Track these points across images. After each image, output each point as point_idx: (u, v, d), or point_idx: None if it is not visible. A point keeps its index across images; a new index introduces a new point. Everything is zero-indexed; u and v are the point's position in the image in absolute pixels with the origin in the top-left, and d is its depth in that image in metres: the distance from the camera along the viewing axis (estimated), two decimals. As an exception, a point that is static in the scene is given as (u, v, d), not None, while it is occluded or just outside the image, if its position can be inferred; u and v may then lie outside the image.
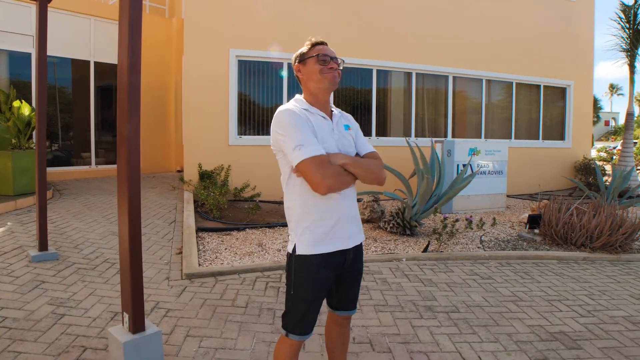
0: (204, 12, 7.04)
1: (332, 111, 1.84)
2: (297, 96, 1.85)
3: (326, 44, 1.81)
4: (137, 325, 2.25)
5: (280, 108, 1.73)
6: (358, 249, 1.88)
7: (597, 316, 3.36)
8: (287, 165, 1.74)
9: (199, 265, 4.08)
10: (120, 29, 2.26)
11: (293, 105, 1.76)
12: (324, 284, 1.77)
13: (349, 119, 1.93)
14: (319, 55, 1.75)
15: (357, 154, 1.85)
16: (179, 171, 9.81)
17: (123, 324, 2.30)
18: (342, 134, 1.81)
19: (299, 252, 1.73)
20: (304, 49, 1.81)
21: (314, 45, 1.79)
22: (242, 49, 7.26)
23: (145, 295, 3.38)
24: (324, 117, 1.77)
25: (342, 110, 1.98)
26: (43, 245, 3.95)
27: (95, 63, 8.60)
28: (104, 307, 3.15)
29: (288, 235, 1.84)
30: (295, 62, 1.83)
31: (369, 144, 1.92)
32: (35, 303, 3.13)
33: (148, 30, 9.32)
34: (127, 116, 2.21)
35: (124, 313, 2.29)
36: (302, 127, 1.65)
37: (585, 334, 3.05)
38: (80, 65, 8.51)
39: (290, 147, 1.63)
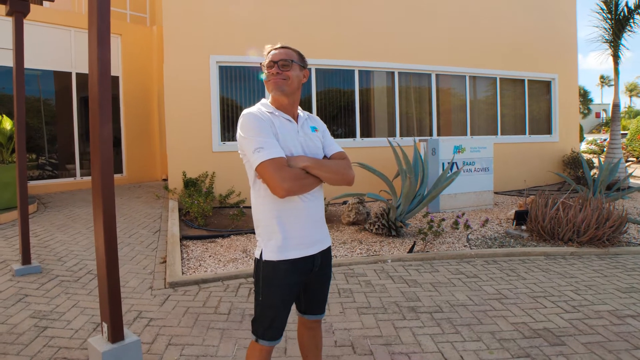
0: (183, 20, 7.04)
1: (298, 114, 1.83)
2: (264, 100, 1.84)
3: (283, 48, 1.79)
4: (115, 334, 2.24)
5: (244, 111, 1.73)
6: (326, 254, 1.87)
7: (582, 311, 3.36)
8: (251, 169, 1.73)
9: (183, 273, 4.07)
10: (90, 40, 2.25)
11: (257, 109, 1.75)
12: (292, 290, 1.77)
13: (317, 120, 1.93)
14: (264, 63, 1.77)
15: (324, 156, 1.85)
16: (164, 180, 9.77)
17: (102, 334, 2.30)
18: (307, 136, 1.80)
19: (265, 257, 1.72)
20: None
21: (268, 52, 1.79)
22: (223, 55, 7.26)
23: (128, 305, 3.38)
24: (288, 120, 1.76)
25: (326, 111, 1.98)
26: (26, 259, 3.93)
27: (77, 74, 8.59)
28: (86, 319, 3.13)
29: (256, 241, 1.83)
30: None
31: (336, 145, 1.91)
32: (18, 317, 3.13)
33: (129, 39, 9.32)
34: (98, 127, 2.20)
35: (103, 323, 2.29)
36: (263, 130, 1.65)
37: (570, 329, 3.05)
38: (62, 77, 8.49)
39: (250, 149, 1.63)
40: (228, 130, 7.47)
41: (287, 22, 7.59)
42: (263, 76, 1.80)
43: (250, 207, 6.84)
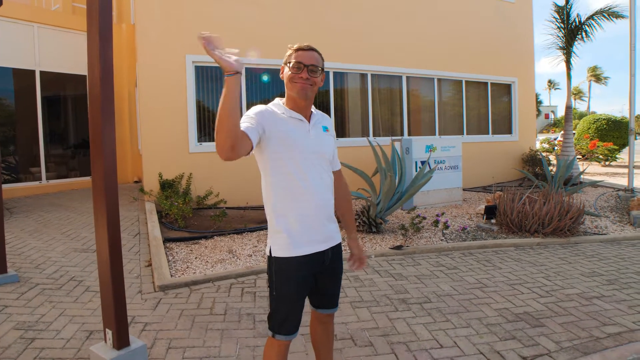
0: (157, 18, 6.88)
1: (312, 112, 1.86)
2: (277, 100, 1.85)
3: (312, 50, 1.78)
4: (121, 340, 2.22)
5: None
6: (336, 249, 1.91)
7: (554, 295, 3.66)
8: (262, 162, 1.76)
9: (171, 276, 4.02)
10: (90, 40, 2.22)
11: (266, 105, 1.78)
12: (304, 284, 1.80)
13: (329, 122, 1.96)
14: (295, 61, 1.74)
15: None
16: (136, 182, 9.49)
17: (106, 341, 2.26)
18: (318, 135, 1.83)
19: (276, 254, 1.75)
20: (287, 52, 1.80)
21: (296, 50, 1.77)
22: (199, 55, 7.16)
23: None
24: (299, 120, 1.78)
25: None
26: (2, 267, 3.73)
27: (41, 72, 8.15)
28: (77, 327, 3.03)
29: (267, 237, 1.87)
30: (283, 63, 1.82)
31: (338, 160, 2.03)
32: (0, 329, 2.97)
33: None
34: (101, 128, 2.18)
35: (107, 329, 2.25)
36: (250, 118, 1.67)
37: (546, 312, 3.32)
38: (24, 75, 8.02)
39: None
40: (205, 131, 7.38)
41: (260, 23, 7.60)
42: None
43: (231, 208, 6.88)
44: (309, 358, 2.65)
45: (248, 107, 1.89)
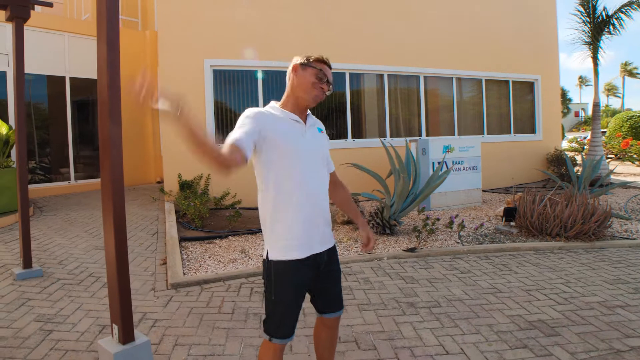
0: (177, 24, 7.08)
1: (307, 115, 1.90)
2: (273, 103, 1.88)
3: (330, 66, 1.90)
4: (126, 335, 2.28)
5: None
6: (332, 251, 1.92)
7: (573, 303, 3.48)
8: (259, 165, 1.79)
9: (184, 274, 4.11)
10: (99, 47, 2.30)
11: (261, 108, 1.82)
12: (301, 287, 1.81)
13: (321, 125, 2.02)
14: (321, 70, 1.82)
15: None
16: (159, 182, 9.75)
17: (113, 336, 2.34)
18: (314, 136, 1.87)
19: (272, 257, 1.77)
20: (311, 57, 1.85)
21: (321, 60, 1.85)
22: (217, 59, 7.31)
23: (132, 306, 3.40)
24: (296, 121, 1.81)
25: (317, 113, 2.11)
26: (27, 262, 3.92)
27: (71, 79, 8.55)
28: (91, 321, 3.15)
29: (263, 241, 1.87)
30: (295, 62, 1.86)
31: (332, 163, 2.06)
32: (22, 320, 3.13)
33: (122, 43, 9.25)
34: (108, 130, 2.25)
35: (114, 324, 2.32)
36: (246, 125, 1.71)
37: (563, 320, 3.16)
38: (55, 82, 8.45)
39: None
40: (222, 132, 7.50)
41: (279, 26, 7.67)
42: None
43: (247, 208, 6.96)
44: (310, 359, 2.65)
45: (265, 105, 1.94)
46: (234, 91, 7.62)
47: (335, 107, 8.33)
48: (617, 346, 2.80)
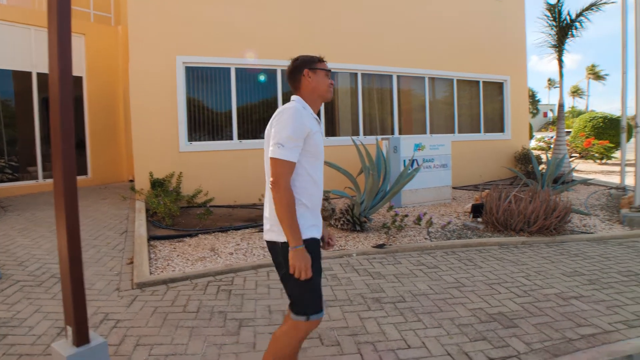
0: (149, 20, 6.94)
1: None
2: (301, 102, 2.01)
3: None
4: (80, 337, 2.23)
5: (293, 106, 1.91)
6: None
7: (532, 295, 3.62)
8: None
9: (150, 273, 4.05)
10: (50, 37, 2.23)
11: (303, 110, 1.94)
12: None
13: None
14: (329, 70, 2.05)
15: None
16: (131, 181, 9.56)
17: (67, 338, 2.28)
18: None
19: (307, 237, 1.90)
20: (315, 59, 2.04)
21: (322, 60, 2.06)
22: (189, 56, 7.21)
23: (94, 307, 3.34)
24: (317, 120, 2.02)
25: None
26: (-18, 265, 3.77)
27: (38, 74, 8.25)
28: (50, 324, 3.07)
29: (269, 226, 1.98)
30: (303, 67, 2.01)
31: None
32: (-26, 326, 3.01)
33: (93, 38, 9.05)
34: (59, 126, 2.19)
35: (67, 326, 2.27)
36: (297, 132, 1.84)
37: (521, 312, 3.28)
38: (21, 77, 8.14)
39: (276, 139, 1.84)
40: (195, 130, 7.42)
41: (252, 23, 7.61)
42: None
43: (219, 206, 6.90)
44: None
45: (240, 109, 2.02)
46: (208, 89, 7.54)
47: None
48: (569, 335, 2.93)
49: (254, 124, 7.80)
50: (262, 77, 7.81)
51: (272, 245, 1.96)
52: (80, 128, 8.95)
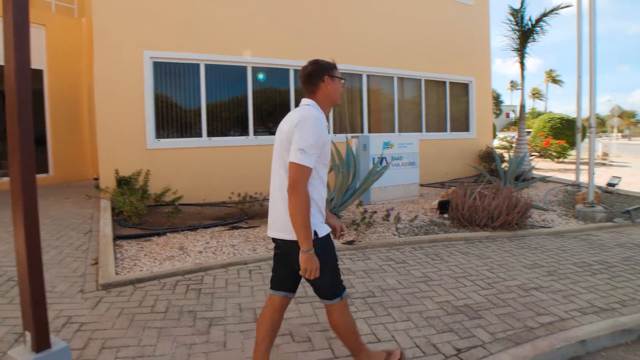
0: (114, 12, 6.70)
1: None
2: (317, 108, 2.09)
3: None
4: (40, 342, 2.13)
5: (312, 113, 2.00)
6: None
7: (495, 287, 3.77)
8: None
9: (117, 274, 3.93)
10: (5, 29, 2.12)
11: (321, 116, 2.04)
12: None
13: None
14: (345, 81, 2.19)
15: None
16: (96, 179, 9.21)
17: (25, 344, 2.18)
18: None
19: (322, 234, 2.05)
20: (333, 65, 2.14)
21: (336, 67, 2.16)
22: (157, 51, 7.02)
23: (56, 310, 3.21)
24: (326, 124, 2.10)
25: (262, 110, 2.26)
26: None
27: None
28: (7, 329, 2.93)
29: (286, 225, 2.09)
30: (324, 73, 2.09)
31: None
32: None
33: (55, 30, 8.64)
34: (17, 120, 2.09)
35: (26, 332, 2.17)
36: (319, 140, 1.95)
37: (486, 304, 3.41)
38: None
39: (297, 145, 1.91)
40: (163, 127, 7.24)
41: (224, 20, 7.51)
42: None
43: (188, 205, 6.78)
44: (244, 355, 2.65)
45: (210, 106, 1.97)
46: (176, 85, 7.37)
47: (280, 103, 8.30)
48: (530, 324, 3.07)
49: (223, 122, 7.70)
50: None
51: (289, 244, 2.04)
52: (40, 123, 8.53)
